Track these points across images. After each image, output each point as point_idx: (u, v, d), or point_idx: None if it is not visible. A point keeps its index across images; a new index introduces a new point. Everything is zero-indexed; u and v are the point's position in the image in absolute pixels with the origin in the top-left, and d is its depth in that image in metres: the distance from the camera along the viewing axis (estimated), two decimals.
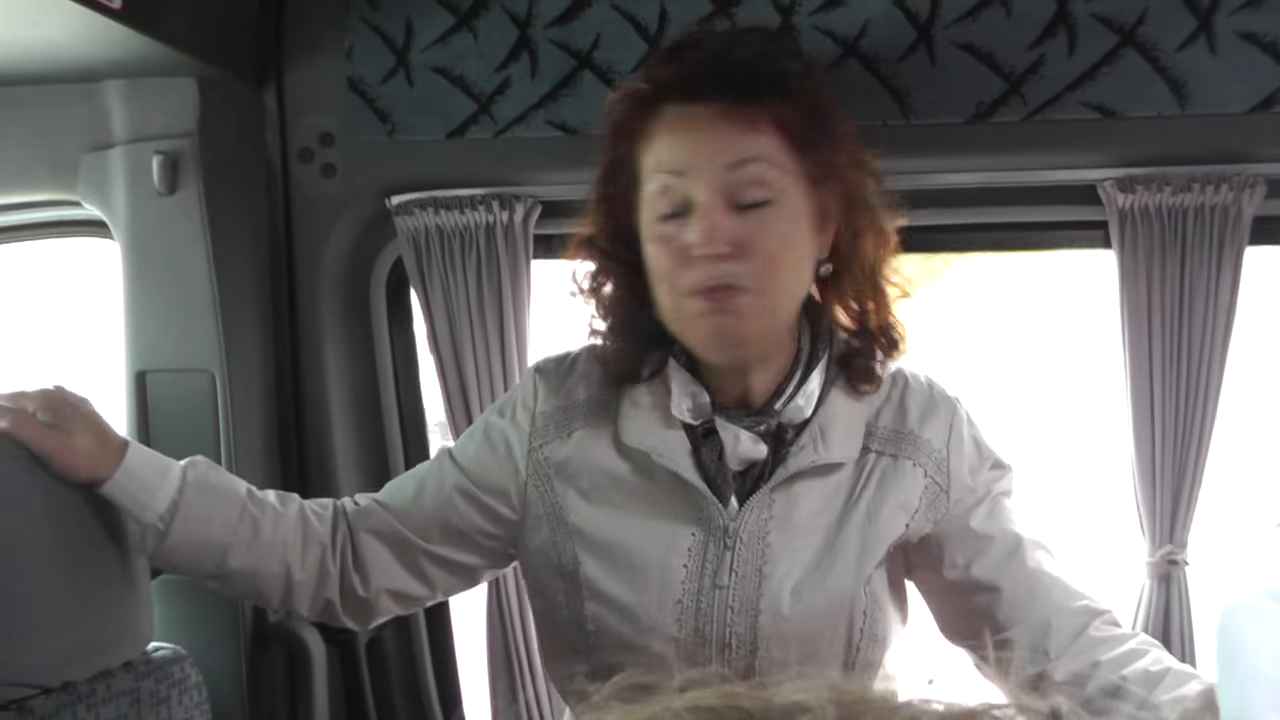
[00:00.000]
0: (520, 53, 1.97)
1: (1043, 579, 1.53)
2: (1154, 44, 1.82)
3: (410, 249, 2.06)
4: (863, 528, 1.52)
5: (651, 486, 1.54)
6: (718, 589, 1.50)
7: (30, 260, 2.39)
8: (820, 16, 1.87)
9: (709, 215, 1.42)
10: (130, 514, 1.55)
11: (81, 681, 1.54)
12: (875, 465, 1.54)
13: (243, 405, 2.02)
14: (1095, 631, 1.49)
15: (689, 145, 1.44)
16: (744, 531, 1.51)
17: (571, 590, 1.55)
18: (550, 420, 1.61)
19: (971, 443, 1.58)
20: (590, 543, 1.55)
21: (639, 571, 1.52)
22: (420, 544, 1.65)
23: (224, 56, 1.96)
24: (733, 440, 1.52)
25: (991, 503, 1.57)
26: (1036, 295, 6.41)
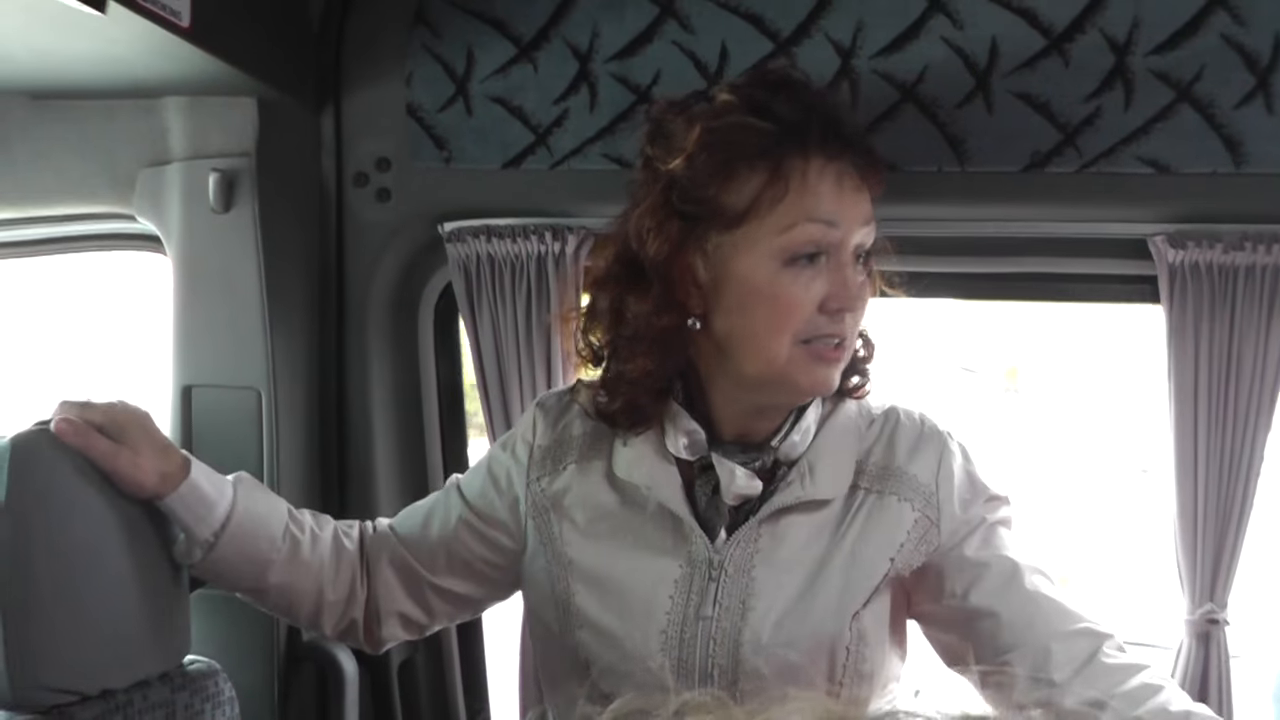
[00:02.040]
0: (580, 86, 1.97)
1: (1041, 603, 1.53)
2: (1210, 101, 1.81)
3: (461, 276, 2.06)
4: (846, 565, 1.53)
5: (641, 519, 1.57)
6: (701, 620, 1.52)
7: (83, 272, 2.41)
8: (880, 60, 1.87)
9: (846, 269, 1.47)
10: (186, 527, 1.58)
11: (120, 691, 1.56)
12: (863, 503, 1.56)
13: (287, 424, 2.03)
14: (1105, 659, 1.48)
15: (840, 198, 1.47)
16: (729, 564, 1.53)
17: (564, 619, 1.59)
18: (547, 454, 1.65)
19: (964, 477, 1.58)
20: (582, 573, 1.58)
21: (626, 601, 1.55)
22: (426, 575, 1.70)
23: (285, 78, 1.98)
24: (729, 476, 1.53)
25: (986, 530, 1.57)
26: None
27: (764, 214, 1.45)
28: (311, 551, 1.65)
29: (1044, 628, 1.50)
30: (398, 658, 2.17)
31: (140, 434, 1.56)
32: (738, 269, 1.47)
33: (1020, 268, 2.02)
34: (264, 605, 1.72)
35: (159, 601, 1.63)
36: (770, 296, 1.46)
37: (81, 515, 1.52)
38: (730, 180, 1.46)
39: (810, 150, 1.46)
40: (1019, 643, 1.50)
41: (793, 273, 1.45)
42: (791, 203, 1.45)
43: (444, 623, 1.80)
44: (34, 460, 1.48)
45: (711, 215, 1.47)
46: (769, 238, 1.45)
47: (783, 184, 1.45)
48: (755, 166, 1.46)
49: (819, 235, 1.45)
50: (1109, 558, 5.43)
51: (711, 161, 1.47)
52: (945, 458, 1.57)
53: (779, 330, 1.46)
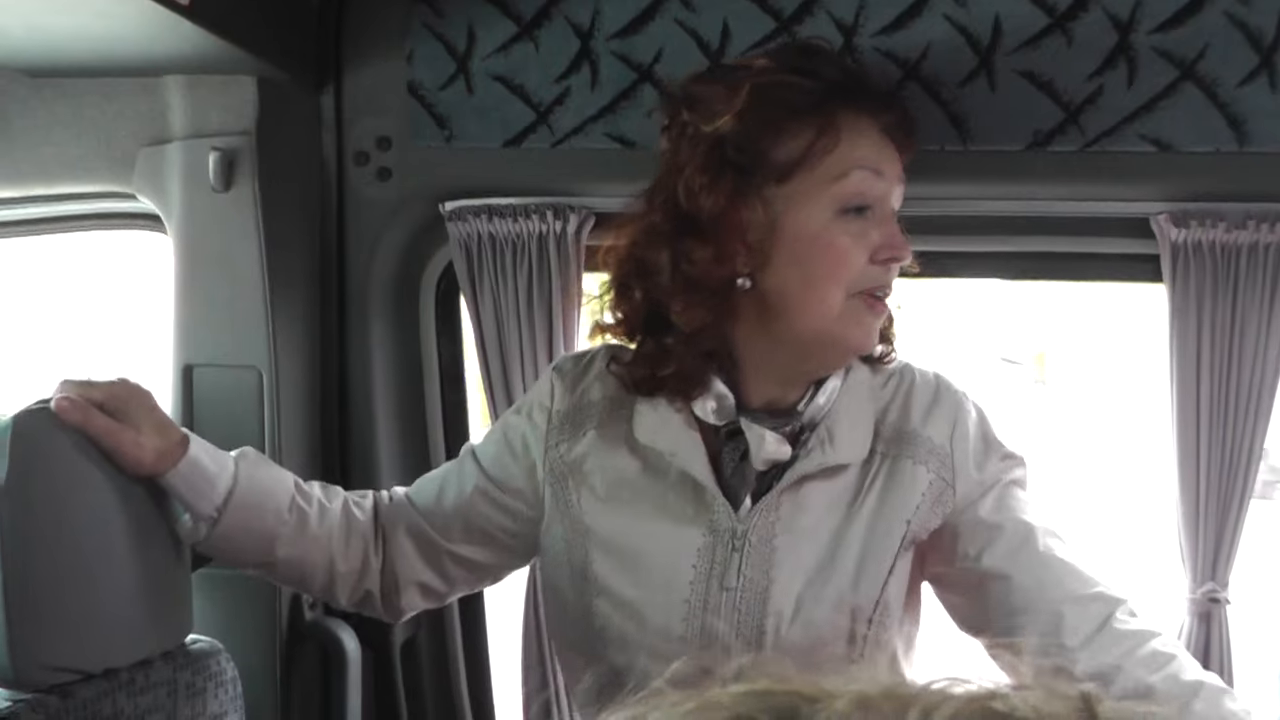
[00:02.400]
0: (581, 64, 1.97)
1: (1054, 566, 1.52)
2: (1214, 79, 1.81)
3: (462, 255, 2.06)
4: (865, 533, 1.53)
5: (663, 486, 1.57)
6: (725, 590, 1.52)
7: (83, 251, 2.41)
8: (882, 38, 1.87)
9: (892, 221, 1.50)
10: (188, 504, 1.58)
11: (122, 669, 1.56)
12: (879, 467, 1.56)
13: (289, 402, 2.03)
14: (1118, 625, 1.48)
15: (883, 150, 1.51)
16: (752, 534, 1.52)
17: (581, 587, 1.58)
18: (566, 419, 1.63)
19: (978, 437, 1.58)
20: (600, 541, 1.57)
21: (647, 570, 1.55)
22: (441, 542, 1.69)
23: (285, 57, 1.97)
24: (759, 441, 1.53)
25: (1001, 490, 1.57)
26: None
27: (816, 164, 1.47)
28: (320, 524, 1.64)
29: (1056, 591, 1.50)
30: (400, 636, 2.17)
31: (141, 412, 1.56)
32: (791, 221, 1.49)
33: (1022, 247, 2.02)
34: (274, 579, 1.73)
35: (161, 580, 1.63)
36: (825, 246, 1.48)
37: (83, 493, 1.52)
38: (781, 134, 1.48)
39: (856, 104, 1.50)
40: (1030, 606, 1.50)
41: (844, 223, 1.48)
42: (843, 152, 1.47)
43: (463, 590, 1.79)
44: (35, 439, 1.48)
45: (765, 167, 1.49)
46: (822, 187, 1.47)
47: (834, 134, 1.47)
48: (805, 120, 1.48)
49: (869, 184, 1.48)
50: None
51: (762, 116, 1.49)
52: (960, 419, 1.58)
53: (834, 280, 1.48)
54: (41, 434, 1.49)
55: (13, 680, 1.45)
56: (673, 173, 1.55)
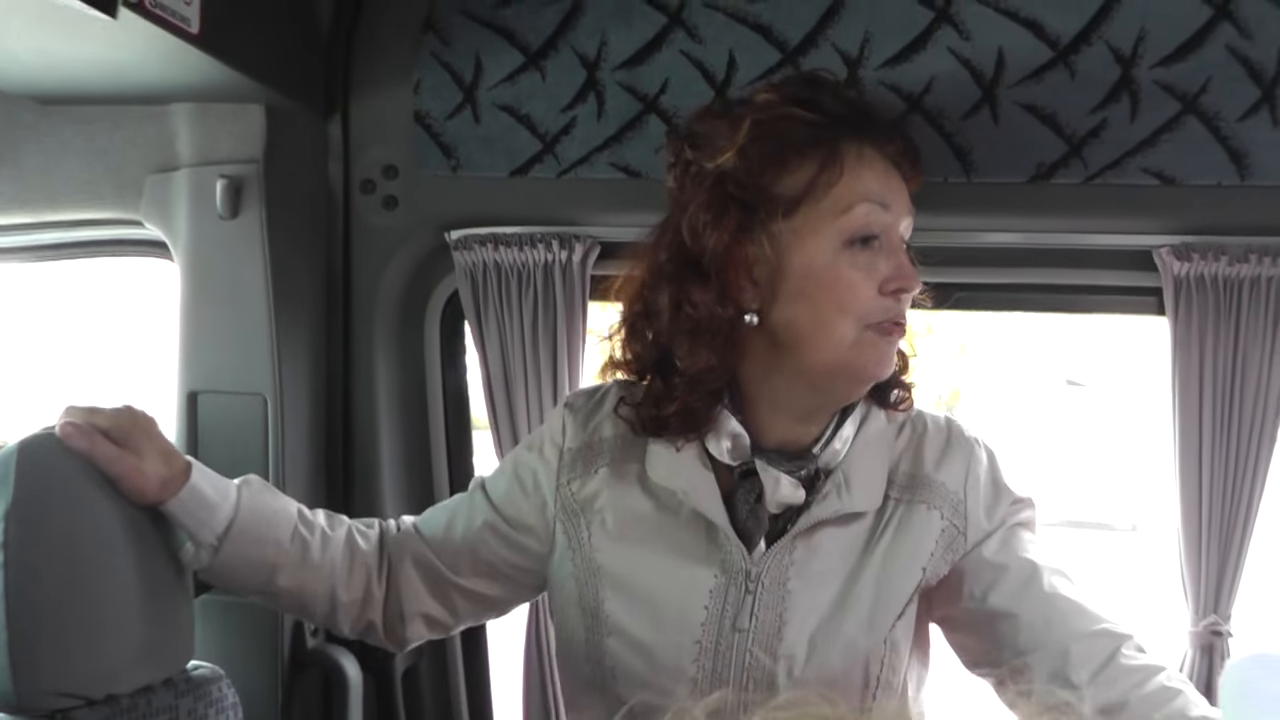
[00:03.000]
0: (587, 94, 1.98)
1: (1059, 604, 1.52)
2: (1216, 113, 1.82)
3: (467, 283, 2.07)
4: (878, 577, 1.53)
5: (675, 525, 1.56)
6: (737, 632, 1.51)
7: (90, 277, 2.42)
8: (886, 71, 1.88)
9: (900, 252, 1.50)
10: (189, 531, 1.58)
11: (124, 695, 1.56)
12: (893, 514, 1.56)
13: (293, 430, 2.03)
14: (1124, 660, 1.48)
15: (890, 183, 1.51)
16: (765, 577, 1.52)
17: (592, 625, 1.57)
18: (578, 456, 1.63)
19: (989, 484, 1.58)
20: (612, 579, 1.57)
21: (659, 610, 1.54)
22: (449, 575, 1.69)
23: (293, 85, 1.99)
24: (774, 484, 1.53)
25: (1006, 533, 1.57)
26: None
27: (820, 198, 1.48)
28: (322, 553, 1.64)
29: (1062, 629, 1.50)
30: (402, 664, 2.16)
31: (144, 439, 1.56)
32: (797, 256, 1.49)
33: (1026, 279, 2.03)
34: (277, 607, 1.73)
35: (163, 606, 1.63)
36: (832, 280, 1.48)
37: (87, 519, 1.52)
38: (784, 168, 1.49)
39: (860, 136, 1.50)
40: (1038, 644, 1.50)
41: (851, 255, 1.48)
42: (847, 185, 1.47)
43: (468, 622, 1.79)
44: (40, 464, 1.48)
45: (769, 202, 1.49)
46: (827, 221, 1.47)
47: (837, 167, 1.47)
48: (807, 154, 1.48)
49: (875, 216, 1.48)
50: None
51: (764, 151, 1.49)
52: (973, 465, 1.58)
53: (843, 313, 1.48)
54: (46, 460, 1.49)
55: (15, 705, 1.44)
56: (678, 211, 1.55)
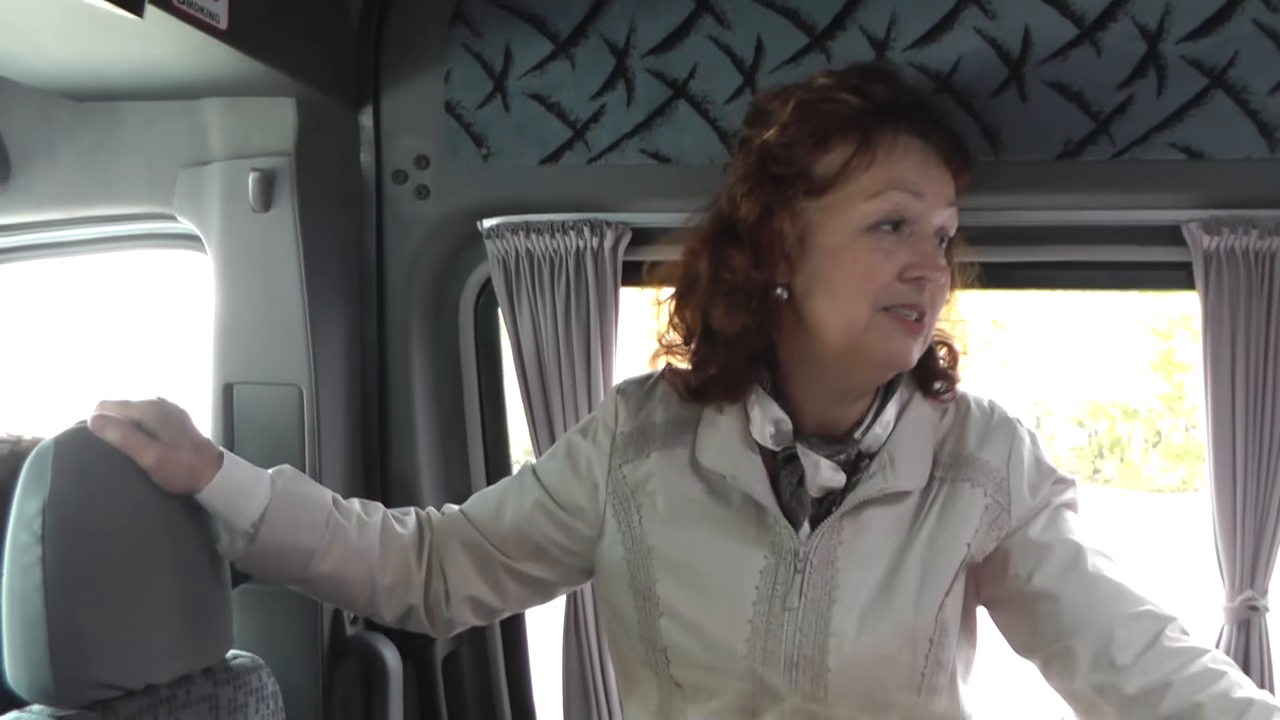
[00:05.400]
0: (616, 81, 1.99)
1: (1102, 585, 1.54)
2: (1244, 86, 1.82)
3: (500, 271, 2.08)
4: (924, 555, 1.55)
5: (725, 508, 1.59)
6: (787, 611, 1.53)
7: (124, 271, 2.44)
8: (914, 52, 1.89)
9: (928, 241, 1.51)
10: (224, 520, 1.60)
11: (163, 685, 1.57)
12: (938, 492, 1.57)
13: (329, 420, 2.04)
14: (1168, 642, 1.49)
15: (926, 172, 1.52)
16: (814, 556, 1.54)
17: (645, 607, 1.59)
18: (630, 441, 1.65)
19: (1032, 461, 1.60)
20: (665, 561, 1.59)
21: (710, 590, 1.56)
22: (500, 557, 1.71)
23: (323, 78, 2.00)
24: (814, 468, 1.55)
25: (1051, 513, 1.59)
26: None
27: (851, 181, 1.50)
28: (359, 539, 1.66)
29: (1106, 611, 1.51)
30: (442, 651, 2.17)
31: (177, 430, 1.58)
32: (822, 234, 1.51)
33: (1055, 256, 2.03)
34: (315, 595, 1.74)
35: (202, 596, 1.65)
36: (850, 260, 1.49)
37: (123, 512, 1.54)
38: (821, 148, 1.51)
39: (899, 125, 1.52)
40: (1081, 626, 1.51)
41: (874, 239, 1.49)
42: (878, 171, 1.49)
43: (515, 608, 1.82)
44: (76, 458, 1.50)
45: (802, 180, 1.52)
46: (855, 204, 1.49)
47: (870, 153, 1.50)
48: (845, 136, 1.51)
49: (904, 204, 1.49)
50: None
51: (803, 129, 1.52)
52: (1015, 444, 1.59)
53: (859, 294, 1.49)
54: (82, 454, 1.51)
55: (55, 697, 1.46)
56: (726, 182, 1.60)
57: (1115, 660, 1.49)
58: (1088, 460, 14.13)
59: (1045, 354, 13.24)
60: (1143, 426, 13.70)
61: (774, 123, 1.55)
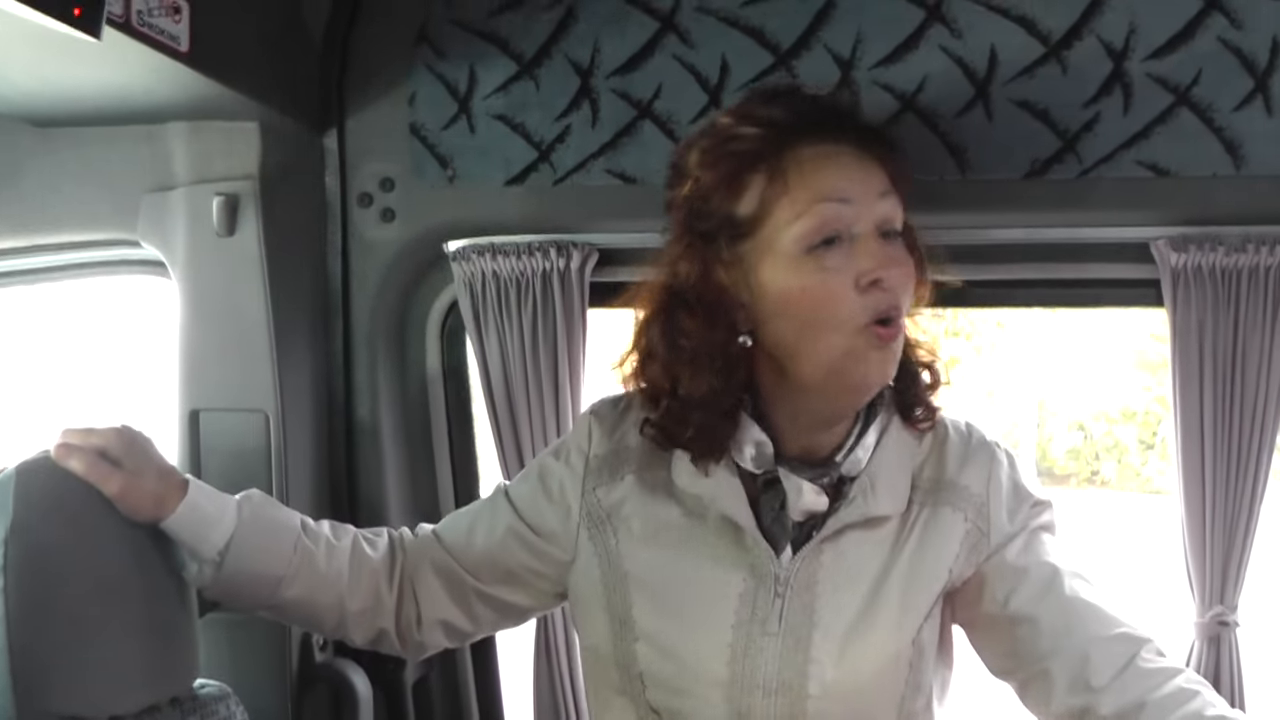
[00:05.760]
0: (581, 102, 1.99)
1: (1079, 608, 1.53)
2: (1209, 104, 1.83)
3: (466, 294, 2.07)
4: (906, 579, 1.54)
5: (703, 530, 1.56)
6: (767, 635, 1.52)
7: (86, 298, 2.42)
8: (880, 71, 1.89)
9: (871, 240, 1.46)
10: (189, 548, 1.59)
11: (129, 716, 1.56)
12: (918, 517, 1.56)
13: (296, 445, 2.03)
14: (1143, 664, 1.48)
15: (846, 175, 1.47)
16: (794, 580, 1.52)
17: (620, 631, 1.57)
18: (604, 463, 1.63)
19: (1010, 485, 1.59)
20: (641, 585, 1.57)
21: (688, 613, 1.54)
22: (471, 581, 1.69)
23: (287, 101, 1.99)
24: (796, 492, 1.53)
25: (1028, 536, 1.58)
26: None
27: (774, 212, 1.46)
28: (328, 563, 1.64)
29: (1082, 633, 1.51)
30: (412, 676, 2.15)
31: (142, 458, 1.57)
32: (766, 275, 1.48)
33: (1023, 274, 2.03)
34: (284, 620, 1.73)
35: (168, 625, 1.63)
36: (801, 290, 1.45)
37: (87, 540, 1.53)
38: (734, 190, 1.48)
39: (802, 143, 1.47)
40: (1058, 649, 1.51)
41: (816, 259, 1.45)
42: (797, 193, 1.45)
43: (487, 630, 1.80)
44: (39, 487, 1.48)
45: (727, 227, 1.49)
46: (784, 232, 1.46)
47: (781, 180, 1.46)
48: (755, 170, 1.47)
49: (832, 215, 1.45)
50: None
51: (714, 176, 1.49)
52: (994, 468, 1.58)
53: (825, 323, 1.45)
54: (44, 482, 1.49)
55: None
56: (665, 248, 1.58)
57: (1091, 682, 1.48)
58: (1086, 463, 14.18)
59: (1047, 356, 13.29)
60: (1138, 428, 13.73)
61: (687, 177, 1.52)
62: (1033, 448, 13.30)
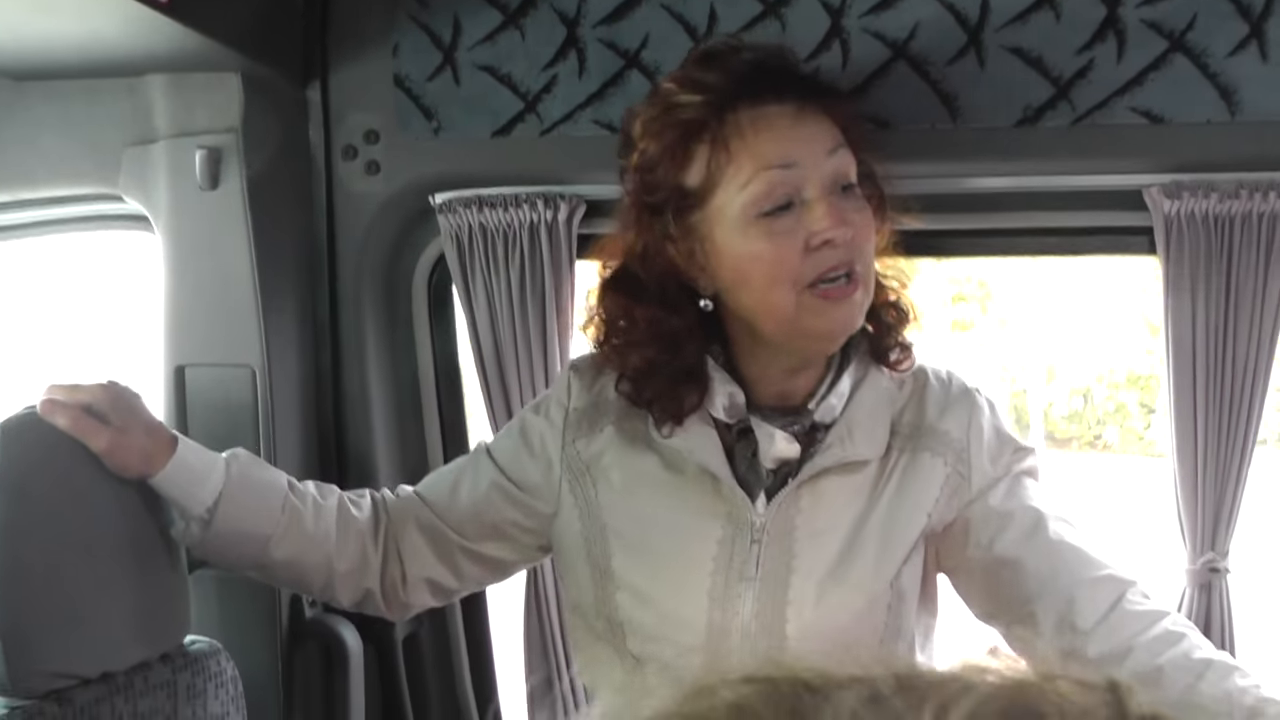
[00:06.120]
0: (568, 51, 1.96)
1: (1064, 551, 1.55)
2: (1204, 50, 1.81)
3: (453, 247, 2.05)
4: (884, 524, 1.55)
5: (681, 481, 1.58)
6: (745, 581, 1.54)
7: (71, 253, 2.40)
8: (870, 19, 1.86)
9: (821, 202, 1.46)
10: (178, 505, 1.59)
11: (120, 673, 1.57)
12: (897, 461, 1.57)
13: (283, 401, 2.02)
14: (1129, 606, 1.50)
15: (791, 137, 1.47)
16: (771, 526, 1.54)
17: (602, 582, 1.59)
18: (584, 416, 1.64)
19: (992, 430, 1.60)
20: (621, 535, 1.59)
21: (667, 563, 1.56)
22: (455, 538, 1.70)
23: (269, 52, 1.97)
24: (768, 440, 1.54)
25: (1012, 480, 1.59)
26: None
27: (720, 181, 1.48)
28: (315, 523, 1.65)
29: (1067, 576, 1.52)
30: (402, 632, 2.16)
31: (129, 414, 1.57)
32: (719, 242, 1.49)
33: (1016, 223, 2.02)
34: (272, 580, 1.74)
35: (157, 581, 1.64)
36: (753, 256, 1.47)
37: (75, 497, 1.53)
38: (679, 160, 1.50)
39: (741, 106, 1.48)
40: (1043, 591, 1.52)
41: (766, 224, 1.46)
42: (741, 160, 1.46)
43: (473, 587, 1.82)
44: (25, 443, 1.49)
45: (676, 198, 1.51)
46: (733, 201, 1.47)
47: (724, 149, 1.47)
48: (699, 140, 1.48)
49: (777, 181, 1.46)
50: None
51: (657, 147, 1.51)
52: (975, 414, 1.59)
53: (775, 284, 1.47)
54: (30, 439, 1.49)
55: (9, 687, 1.45)
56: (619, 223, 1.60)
57: (1077, 625, 1.50)
58: (1088, 426, 14.23)
59: (1054, 320, 13.31)
60: (1140, 392, 13.77)
61: (634, 148, 1.53)
62: (1041, 416, 13.35)
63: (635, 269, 1.55)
